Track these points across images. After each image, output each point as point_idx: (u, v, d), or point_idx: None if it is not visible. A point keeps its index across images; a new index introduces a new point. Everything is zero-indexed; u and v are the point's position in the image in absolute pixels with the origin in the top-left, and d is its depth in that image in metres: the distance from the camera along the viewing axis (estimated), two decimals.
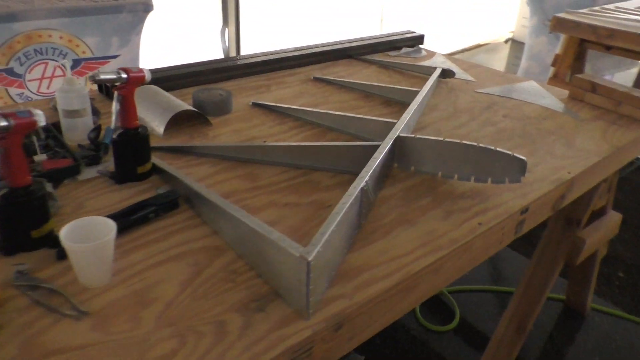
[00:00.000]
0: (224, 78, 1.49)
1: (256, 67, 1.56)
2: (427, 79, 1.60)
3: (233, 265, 0.79)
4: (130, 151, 0.95)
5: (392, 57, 1.90)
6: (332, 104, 1.42)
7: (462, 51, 5.71)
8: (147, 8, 2.44)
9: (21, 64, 2.20)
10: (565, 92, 1.65)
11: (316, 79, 1.59)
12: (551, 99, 1.61)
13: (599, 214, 1.47)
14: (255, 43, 3.53)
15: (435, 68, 1.68)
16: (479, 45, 5.94)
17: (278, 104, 1.34)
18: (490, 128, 1.35)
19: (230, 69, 1.50)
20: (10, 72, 2.18)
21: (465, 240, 0.90)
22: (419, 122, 1.36)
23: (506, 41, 6.14)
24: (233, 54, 3.38)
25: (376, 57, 1.87)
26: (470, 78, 1.74)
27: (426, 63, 1.84)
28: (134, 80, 0.91)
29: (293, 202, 0.96)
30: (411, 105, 1.28)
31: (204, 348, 0.65)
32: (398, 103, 1.44)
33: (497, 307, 1.92)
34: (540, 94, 1.65)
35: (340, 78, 1.60)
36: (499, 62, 5.59)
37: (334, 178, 1.05)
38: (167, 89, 1.37)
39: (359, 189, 0.86)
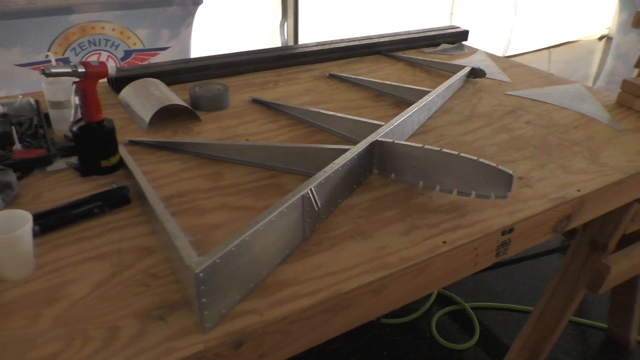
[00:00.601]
0: (232, 73, 1.48)
1: (268, 63, 1.53)
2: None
3: (155, 268, 0.77)
4: (91, 145, 0.96)
5: (426, 54, 1.79)
6: (337, 103, 1.36)
7: (549, 48, 5.31)
8: (197, 1, 2.49)
9: (76, 54, 2.33)
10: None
11: (331, 76, 1.53)
12: (593, 105, 1.43)
13: (633, 238, 1.29)
14: (314, 36, 3.50)
15: (463, 67, 1.56)
16: (569, 43, 5.50)
17: (276, 101, 1.30)
18: (504, 135, 1.22)
19: (238, 64, 1.48)
20: (65, 61, 2.32)
21: (420, 259, 0.82)
22: (425, 125, 1.26)
23: (600, 38, 5.63)
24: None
25: (409, 53, 1.77)
26: (505, 79, 1.59)
27: (462, 61, 1.71)
28: (94, 74, 0.91)
29: (247, 206, 0.92)
30: (410, 107, 1.19)
31: (86, 353, 0.63)
32: (410, 104, 1.35)
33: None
34: (583, 98, 1.47)
35: (357, 76, 1.52)
36: (589, 61, 5.14)
37: (302, 182, 0.99)
38: (172, 83, 1.38)
39: (298, 196, 0.80)
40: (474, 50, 1.86)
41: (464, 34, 1.93)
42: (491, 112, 1.35)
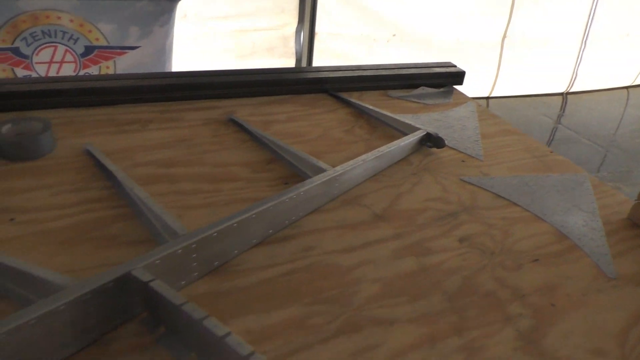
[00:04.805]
0: (100, 102, 1.12)
1: (153, 93, 1.15)
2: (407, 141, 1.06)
3: None
4: None
5: (391, 98, 1.35)
6: (202, 167, 0.96)
7: (627, 88, 4.58)
8: None
9: (27, 45, 2.07)
10: None
11: (231, 121, 1.13)
12: (590, 217, 0.95)
13: None
14: (333, 48, 3.08)
15: (418, 129, 1.11)
16: None
17: (106, 158, 0.92)
18: (409, 263, 0.78)
19: (107, 92, 1.11)
20: (16, 51, 2.06)
21: None
22: (298, 224, 0.84)
23: None
24: (305, 58, 2.99)
25: (368, 95, 1.33)
26: (476, 153, 1.13)
27: (430, 117, 1.26)
28: None
29: None
30: (256, 204, 0.77)
31: None
32: (304, 179, 0.92)
33: None
34: (578, 201, 0.99)
35: (267, 124, 1.12)
36: None
37: None
38: (16, 109, 1.05)
39: None
40: (463, 100, 1.39)
41: (457, 76, 1.46)
42: (419, 211, 0.90)
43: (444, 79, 1.45)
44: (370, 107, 1.22)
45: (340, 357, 0.61)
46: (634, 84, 4.59)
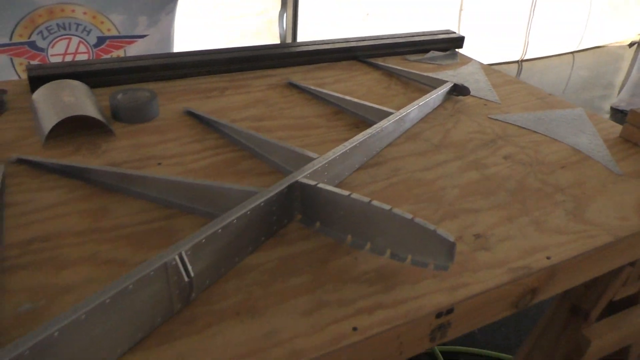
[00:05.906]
0: (175, 75, 1.29)
1: (218, 65, 1.33)
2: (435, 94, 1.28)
3: None
4: None
5: (410, 62, 1.58)
6: (285, 120, 1.16)
7: (573, 53, 5.00)
8: None
9: (43, 38, 2.17)
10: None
11: (290, 85, 1.33)
12: (592, 137, 1.21)
13: (623, 305, 1.07)
14: (316, 30, 3.28)
15: (445, 82, 1.34)
16: (596, 48, 5.17)
17: (211, 115, 1.11)
18: (474, 174, 1.02)
19: (182, 66, 1.29)
20: (32, 45, 2.16)
21: (317, 353, 0.63)
22: (380, 154, 1.06)
23: (630, 45, 5.28)
24: (289, 40, 3.17)
25: (390, 61, 1.55)
26: (493, 98, 1.37)
27: (450, 73, 1.50)
28: None
29: (120, 259, 0.74)
30: (357, 136, 0.99)
31: None
32: (370, 125, 1.14)
33: None
34: (581, 128, 1.25)
35: (321, 86, 1.32)
36: (615, 69, 4.82)
37: (203, 225, 0.81)
38: (101, 85, 1.21)
39: (157, 265, 0.61)
40: (467, 60, 1.64)
41: (458, 41, 1.70)
42: (466, 141, 1.14)
43: (448, 44, 1.69)
44: (400, 68, 1.45)
45: (453, 231, 0.84)
46: (578, 49, 5.03)
